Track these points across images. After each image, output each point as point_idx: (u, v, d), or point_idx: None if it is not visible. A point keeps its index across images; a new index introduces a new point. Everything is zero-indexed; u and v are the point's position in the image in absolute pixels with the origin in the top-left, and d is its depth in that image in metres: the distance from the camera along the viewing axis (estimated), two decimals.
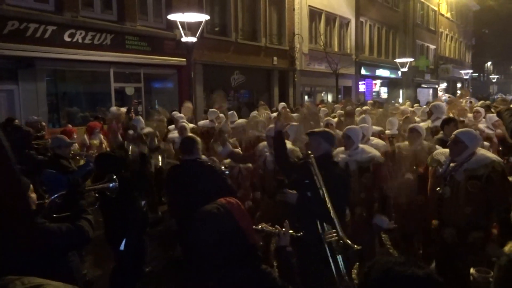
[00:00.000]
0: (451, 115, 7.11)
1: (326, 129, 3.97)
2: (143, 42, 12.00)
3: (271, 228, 2.22)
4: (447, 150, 3.70)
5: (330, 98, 21.86)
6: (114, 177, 3.10)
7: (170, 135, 6.89)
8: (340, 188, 3.16)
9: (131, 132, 7.39)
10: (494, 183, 3.33)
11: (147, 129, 6.69)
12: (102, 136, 7.66)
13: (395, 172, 3.98)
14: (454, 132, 3.62)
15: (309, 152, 3.22)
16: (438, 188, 3.55)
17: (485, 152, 3.53)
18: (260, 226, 2.21)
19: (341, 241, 2.81)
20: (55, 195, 2.75)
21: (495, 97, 31.62)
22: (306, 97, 20.54)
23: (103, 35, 10.92)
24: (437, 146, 4.39)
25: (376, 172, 4.01)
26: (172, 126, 7.54)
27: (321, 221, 2.99)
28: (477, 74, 44.71)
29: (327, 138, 3.35)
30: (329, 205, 2.88)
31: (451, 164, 3.55)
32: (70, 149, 4.65)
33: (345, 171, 3.58)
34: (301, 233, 2.44)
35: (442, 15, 35.12)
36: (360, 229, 3.81)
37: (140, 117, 7.69)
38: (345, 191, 3.26)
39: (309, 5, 18.90)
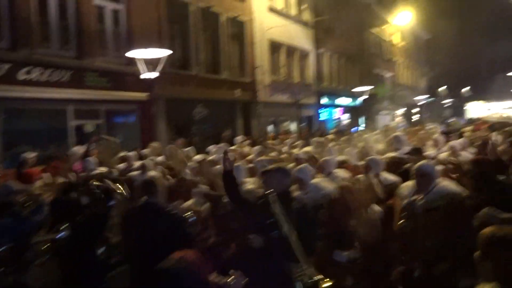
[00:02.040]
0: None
1: (281, 165, 3.95)
2: (103, 78, 11.87)
3: (222, 277, 2.20)
4: (410, 182, 3.73)
5: (294, 127, 22.21)
6: (66, 225, 2.99)
7: (131, 173, 6.71)
8: (304, 223, 3.15)
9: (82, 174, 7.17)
10: (451, 215, 3.32)
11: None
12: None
13: (354, 206, 4.02)
14: (417, 165, 3.67)
15: (269, 190, 3.21)
16: (400, 222, 3.58)
17: (446, 184, 3.55)
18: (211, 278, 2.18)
19: (312, 278, 2.75)
20: (1, 249, 2.64)
21: (449, 120, 33.02)
22: (270, 127, 20.77)
23: (61, 71, 10.74)
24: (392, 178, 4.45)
25: (330, 207, 4.03)
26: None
27: (289, 260, 2.96)
28: (432, 99, 46.77)
29: (285, 174, 3.35)
30: (295, 242, 2.85)
31: (413, 197, 3.58)
32: (20, 195, 4.44)
33: (306, 204, 3.57)
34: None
35: (396, 45, 36.90)
36: (323, 264, 3.78)
37: (91, 159, 7.46)
38: (309, 226, 3.25)
39: (269, 38, 19.41)
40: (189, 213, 4.08)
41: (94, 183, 4.18)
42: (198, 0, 15.38)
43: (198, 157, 8.19)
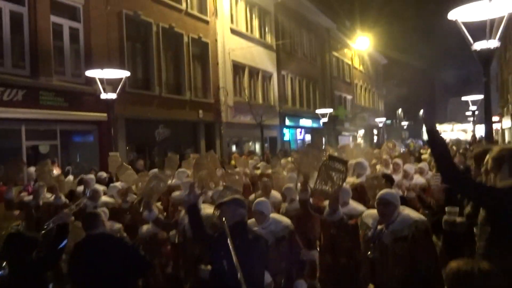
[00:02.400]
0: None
1: (237, 196, 3.85)
2: (60, 97, 11.42)
3: None
4: (373, 211, 3.71)
5: (257, 148, 22.25)
6: (4, 264, 2.75)
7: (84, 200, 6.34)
8: (256, 255, 3.08)
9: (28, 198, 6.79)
10: (418, 242, 3.36)
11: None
12: None
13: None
14: (380, 194, 3.60)
15: (223, 220, 3.12)
16: (369, 253, 3.54)
17: (409, 212, 3.57)
18: None
19: None
20: None
21: (407, 141, 34.19)
22: (233, 147, 20.71)
23: (13, 90, 10.25)
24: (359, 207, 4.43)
25: (291, 239, 3.97)
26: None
27: None
28: (390, 121, 48.42)
29: (241, 204, 3.29)
30: (240, 275, 2.78)
31: (379, 227, 3.54)
32: None
33: (261, 236, 3.47)
34: None
35: (356, 68, 38.12)
36: None
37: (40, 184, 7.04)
38: (261, 258, 3.18)
39: (232, 60, 19.51)
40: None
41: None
42: (161, 20, 15.28)
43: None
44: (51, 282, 3.61)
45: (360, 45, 33.17)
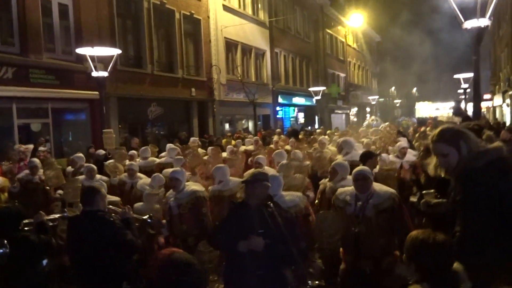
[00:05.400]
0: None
1: (259, 170, 3.89)
2: (51, 75, 11.33)
3: None
4: (348, 188, 3.90)
5: (251, 126, 22.30)
6: (5, 242, 2.79)
7: (77, 177, 6.41)
8: (293, 227, 3.18)
9: (24, 173, 6.84)
10: (395, 212, 3.71)
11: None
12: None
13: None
14: (358, 170, 3.81)
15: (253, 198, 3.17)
16: (353, 228, 3.70)
17: (378, 186, 3.83)
18: None
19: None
20: None
21: (400, 119, 34.41)
22: (227, 125, 20.73)
23: (3, 68, 10.14)
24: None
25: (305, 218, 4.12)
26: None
27: (286, 266, 3.01)
28: (383, 99, 48.41)
29: (267, 179, 3.25)
30: (294, 249, 2.89)
31: (359, 202, 3.72)
32: None
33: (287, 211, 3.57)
34: None
35: (349, 45, 37.88)
36: None
37: (36, 160, 7.09)
38: (297, 230, 3.28)
39: (225, 37, 19.32)
40: (146, 216, 3.98)
41: None
42: None
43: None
44: (45, 259, 3.67)
45: (354, 22, 32.85)
